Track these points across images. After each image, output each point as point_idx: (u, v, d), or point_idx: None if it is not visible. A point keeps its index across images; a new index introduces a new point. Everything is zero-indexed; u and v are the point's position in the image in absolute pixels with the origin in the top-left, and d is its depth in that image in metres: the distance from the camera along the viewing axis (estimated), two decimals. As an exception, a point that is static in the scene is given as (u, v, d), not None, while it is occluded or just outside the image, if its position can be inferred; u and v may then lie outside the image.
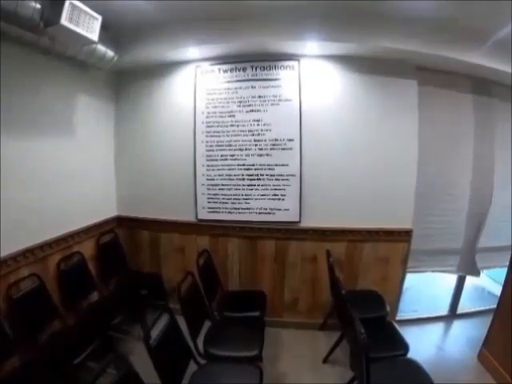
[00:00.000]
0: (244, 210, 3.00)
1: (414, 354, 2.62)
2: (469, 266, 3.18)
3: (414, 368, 1.93)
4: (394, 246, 2.87)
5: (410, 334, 2.99)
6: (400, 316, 3.20)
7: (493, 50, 2.64)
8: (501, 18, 2.28)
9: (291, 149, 2.91)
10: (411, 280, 3.48)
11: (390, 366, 1.95)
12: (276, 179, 2.93)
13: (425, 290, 3.79)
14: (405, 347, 2.14)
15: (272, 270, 3.00)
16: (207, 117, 3.02)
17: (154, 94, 3.09)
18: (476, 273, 3.17)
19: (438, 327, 3.28)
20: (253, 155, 2.97)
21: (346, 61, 2.76)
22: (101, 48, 2.52)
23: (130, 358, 1.50)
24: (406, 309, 3.34)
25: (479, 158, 3.07)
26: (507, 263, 2.62)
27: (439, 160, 3.01)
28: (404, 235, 2.86)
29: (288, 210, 2.92)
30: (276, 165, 2.94)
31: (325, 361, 2.67)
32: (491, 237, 3.13)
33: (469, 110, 3.06)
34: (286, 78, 2.89)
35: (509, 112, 3.10)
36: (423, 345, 2.95)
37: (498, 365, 2.61)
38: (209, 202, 3.07)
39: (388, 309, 2.57)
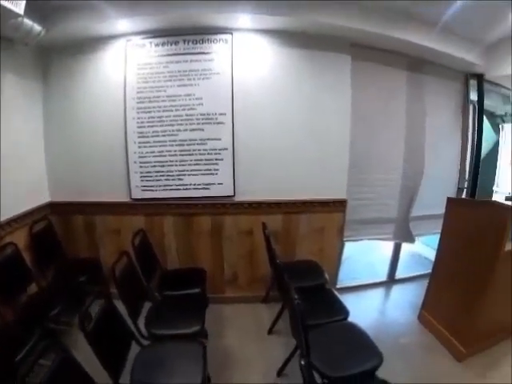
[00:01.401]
0: (178, 187, 2.91)
1: (356, 319, 2.68)
2: (404, 234, 3.26)
3: (355, 330, 1.98)
4: (330, 216, 2.89)
5: (351, 301, 3.06)
6: (340, 284, 3.27)
7: (428, 30, 2.72)
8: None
9: (223, 123, 2.84)
10: (351, 249, 3.54)
11: (331, 330, 2.00)
12: (209, 154, 2.86)
13: (364, 258, 3.88)
14: (345, 312, 2.20)
15: (210, 246, 2.96)
16: (138, 92, 2.88)
17: (84, 70, 2.89)
18: (411, 240, 3.25)
19: (378, 293, 3.40)
20: (185, 130, 2.87)
21: (280, 35, 2.70)
22: (27, 22, 2.29)
23: (72, 350, 1.45)
24: (346, 277, 3.42)
25: (411, 131, 3.14)
26: (439, 230, 2.75)
27: (373, 133, 3.04)
28: (339, 205, 2.88)
29: (222, 184, 2.86)
30: (208, 139, 2.86)
31: (269, 332, 2.69)
32: (424, 206, 3.19)
33: (402, 86, 3.13)
34: (218, 51, 2.79)
35: (440, 88, 3.26)
36: (365, 310, 3.05)
37: (436, 323, 2.79)
38: (142, 181, 2.96)
39: (327, 277, 2.59)
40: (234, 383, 2.18)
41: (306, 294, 2.40)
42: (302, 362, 1.35)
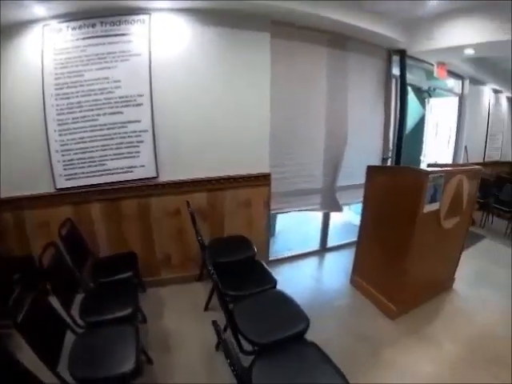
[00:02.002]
0: (101, 172, 2.87)
1: (291, 287, 2.77)
2: (331, 204, 3.38)
3: (282, 298, 2.07)
4: (255, 190, 2.96)
5: (287, 271, 3.17)
6: (275, 255, 3.36)
7: (350, 7, 2.83)
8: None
9: (142, 104, 2.81)
10: (286, 222, 3.62)
11: (259, 299, 2.06)
12: (129, 136, 2.83)
13: (298, 230, 3.97)
14: (272, 281, 2.28)
15: (139, 229, 2.94)
16: (56, 78, 2.79)
17: (1, 59, 2.78)
18: (338, 209, 3.37)
19: (313, 262, 3.52)
20: (104, 115, 2.82)
21: (198, 14, 2.69)
22: None
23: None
24: (282, 248, 3.54)
25: (333, 106, 3.26)
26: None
27: (295, 107, 3.13)
28: (263, 179, 2.95)
29: (144, 166, 2.85)
30: (128, 122, 2.82)
31: (206, 309, 2.73)
32: (350, 176, 3.31)
33: (323, 63, 3.22)
34: (136, 32, 2.75)
35: (363, 63, 3.38)
36: (300, 279, 3.18)
37: (366, 284, 2.98)
38: (65, 169, 2.89)
39: (255, 249, 2.65)
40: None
41: (235, 267, 2.49)
42: (224, 336, 1.32)
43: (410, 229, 2.49)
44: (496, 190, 5.40)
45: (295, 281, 3.15)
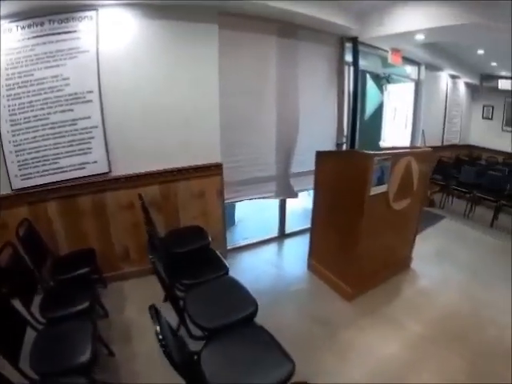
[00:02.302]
0: (55, 171, 2.90)
1: (251, 274, 2.98)
2: (286, 190, 3.47)
3: (232, 284, 2.12)
4: (207, 180, 3.03)
5: (245, 259, 3.26)
6: (234, 244, 3.45)
7: None
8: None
9: (91, 101, 2.84)
10: (246, 210, 3.70)
11: (211, 286, 2.12)
12: (80, 133, 2.86)
13: (258, 218, 4.06)
14: (225, 268, 2.34)
15: (96, 225, 2.97)
16: (7, 79, 2.80)
17: None
18: (294, 195, 3.47)
19: (271, 248, 3.63)
20: (55, 113, 2.84)
21: (145, 8, 2.71)
22: None
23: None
24: (241, 237, 3.66)
25: (284, 94, 3.34)
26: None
27: (245, 97, 3.19)
28: (215, 169, 3.03)
29: (96, 162, 2.89)
30: (79, 119, 2.85)
31: (165, 300, 2.74)
32: (304, 162, 3.40)
33: (273, 52, 3.28)
34: (84, 29, 2.77)
35: (315, 51, 3.47)
36: (259, 265, 3.27)
37: (322, 268, 3.08)
38: (20, 170, 2.91)
39: (210, 238, 2.71)
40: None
41: (190, 257, 2.56)
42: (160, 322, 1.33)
43: (358, 211, 2.57)
44: (455, 172, 5.60)
45: (254, 268, 3.23)
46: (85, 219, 2.96)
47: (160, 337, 1.14)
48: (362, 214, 2.55)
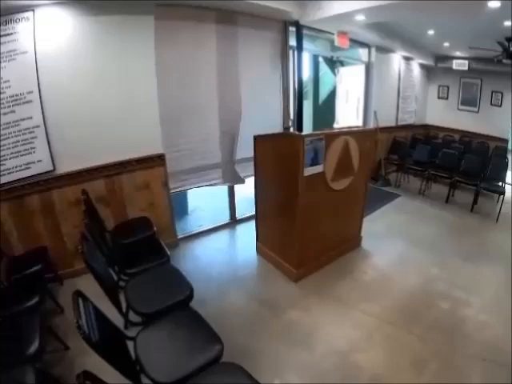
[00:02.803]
0: (3, 172, 2.94)
1: (202, 261, 3.10)
2: (232, 177, 3.57)
3: (171, 271, 2.20)
4: (151, 172, 3.10)
5: (196, 247, 3.36)
6: (187, 233, 3.56)
7: None
8: None
9: (32, 101, 2.89)
10: (200, 198, 3.80)
11: (151, 274, 2.19)
12: (23, 134, 2.91)
13: (212, 205, 4.18)
14: (165, 256, 2.42)
15: (47, 223, 3.03)
16: None
17: None
18: (241, 181, 3.57)
19: (223, 234, 3.73)
20: (-2, 116, 2.89)
21: (82, 5, 2.74)
22: None
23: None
24: (195, 225, 3.76)
25: (225, 80, 3.40)
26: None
27: (185, 86, 3.23)
28: (157, 160, 3.09)
29: (41, 161, 2.95)
30: (21, 119, 2.90)
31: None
32: (249, 148, 3.47)
33: (213, 39, 3.32)
34: (21, 30, 2.79)
35: (254, 37, 3.51)
36: (210, 252, 3.36)
37: (269, 251, 3.16)
38: (-33, 173, 2.96)
39: (155, 228, 2.78)
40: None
41: (135, 247, 2.66)
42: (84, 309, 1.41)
43: (294, 192, 2.64)
44: (411, 151, 5.78)
45: (205, 255, 3.32)
46: (35, 219, 2.98)
47: (77, 322, 1.24)
48: (297, 195, 2.62)
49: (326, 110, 6.34)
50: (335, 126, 5.93)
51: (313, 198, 2.73)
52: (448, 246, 3.68)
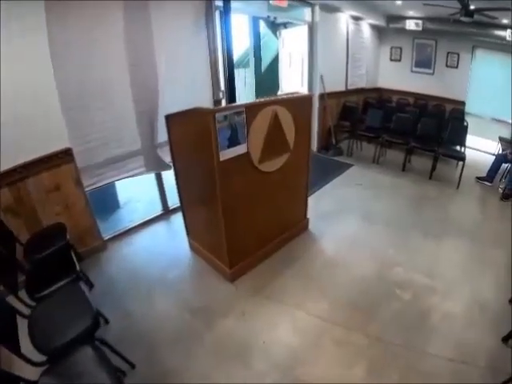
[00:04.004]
0: None
1: (129, 263, 2.79)
2: (156, 164, 3.19)
3: (76, 292, 1.86)
4: (59, 170, 2.64)
5: (126, 245, 3.04)
6: (117, 231, 3.23)
7: None
8: None
9: None
10: (133, 190, 3.43)
11: (57, 297, 1.87)
12: None
13: (147, 197, 3.80)
14: (74, 273, 2.09)
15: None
16: None
17: None
18: (166, 167, 3.19)
19: (156, 228, 3.37)
20: None
21: None
22: None
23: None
24: (128, 220, 3.41)
25: (137, 56, 2.94)
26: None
27: (91, 71, 2.73)
28: (64, 156, 2.64)
29: None
30: None
31: None
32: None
33: (119, 14, 2.79)
34: None
35: (170, 5, 3.04)
36: (140, 251, 3.02)
37: (200, 247, 2.83)
38: None
39: (68, 237, 2.39)
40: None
41: (47, 262, 2.27)
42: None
43: (213, 182, 2.23)
44: (363, 116, 5.53)
45: (135, 254, 2.97)
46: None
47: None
48: (215, 184, 2.22)
49: (269, 77, 5.93)
50: (279, 94, 5.56)
51: (238, 184, 2.36)
52: (407, 220, 3.46)
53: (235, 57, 3.67)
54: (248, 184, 2.45)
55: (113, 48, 2.82)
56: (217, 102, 3.61)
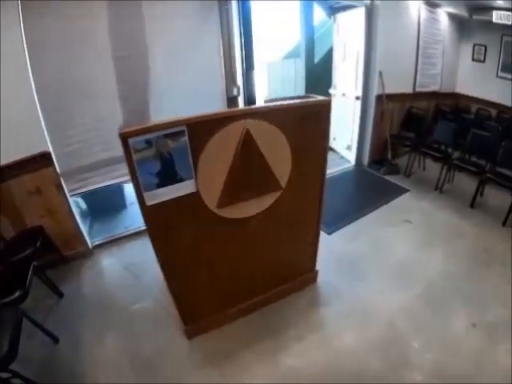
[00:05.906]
0: None
1: (102, 281, 2.65)
2: None
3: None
4: (39, 174, 2.50)
5: (110, 257, 2.89)
6: (116, 235, 3.12)
7: None
8: None
9: None
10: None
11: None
12: None
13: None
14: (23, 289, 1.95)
15: None
16: None
17: None
18: None
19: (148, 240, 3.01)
20: None
21: None
22: None
23: None
24: (133, 222, 3.26)
25: (125, 52, 2.68)
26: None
27: (71, 65, 2.53)
28: (42, 160, 2.49)
29: None
30: None
31: None
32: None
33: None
34: None
35: None
36: (118, 267, 2.80)
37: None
38: None
39: (38, 244, 2.33)
40: None
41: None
42: None
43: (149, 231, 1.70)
44: (433, 127, 4.42)
45: (112, 271, 2.79)
46: None
47: None
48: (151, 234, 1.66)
49: (323, 70, 5.06)
50: (332, 91, 4.75)
51: (187, 235, 1.76)
52: (456, 290, 2.39)
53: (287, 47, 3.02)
54: (206, 234, 1.83)
55: (96, 42, 2.56)
56: (230, 99, 3.12)
